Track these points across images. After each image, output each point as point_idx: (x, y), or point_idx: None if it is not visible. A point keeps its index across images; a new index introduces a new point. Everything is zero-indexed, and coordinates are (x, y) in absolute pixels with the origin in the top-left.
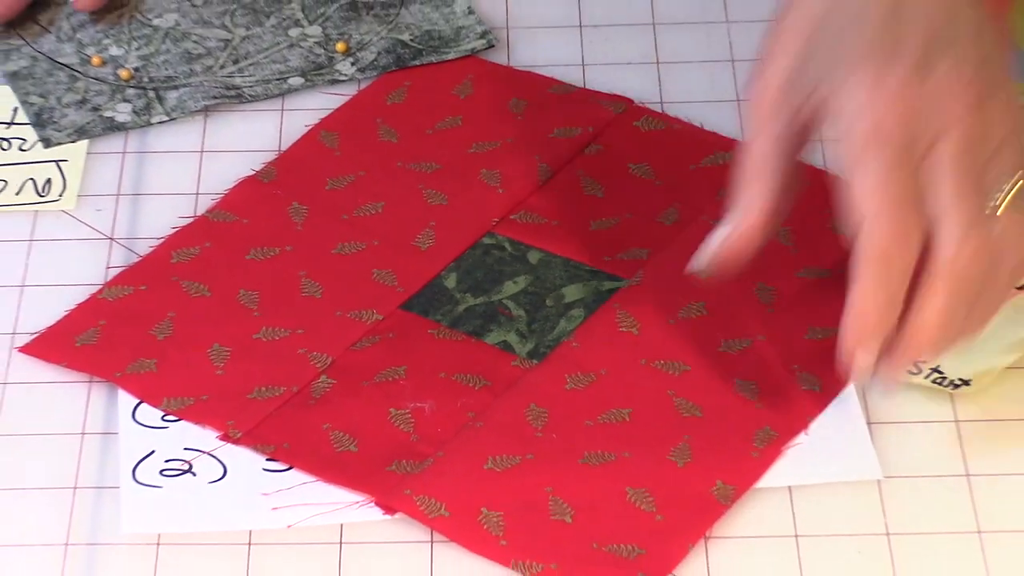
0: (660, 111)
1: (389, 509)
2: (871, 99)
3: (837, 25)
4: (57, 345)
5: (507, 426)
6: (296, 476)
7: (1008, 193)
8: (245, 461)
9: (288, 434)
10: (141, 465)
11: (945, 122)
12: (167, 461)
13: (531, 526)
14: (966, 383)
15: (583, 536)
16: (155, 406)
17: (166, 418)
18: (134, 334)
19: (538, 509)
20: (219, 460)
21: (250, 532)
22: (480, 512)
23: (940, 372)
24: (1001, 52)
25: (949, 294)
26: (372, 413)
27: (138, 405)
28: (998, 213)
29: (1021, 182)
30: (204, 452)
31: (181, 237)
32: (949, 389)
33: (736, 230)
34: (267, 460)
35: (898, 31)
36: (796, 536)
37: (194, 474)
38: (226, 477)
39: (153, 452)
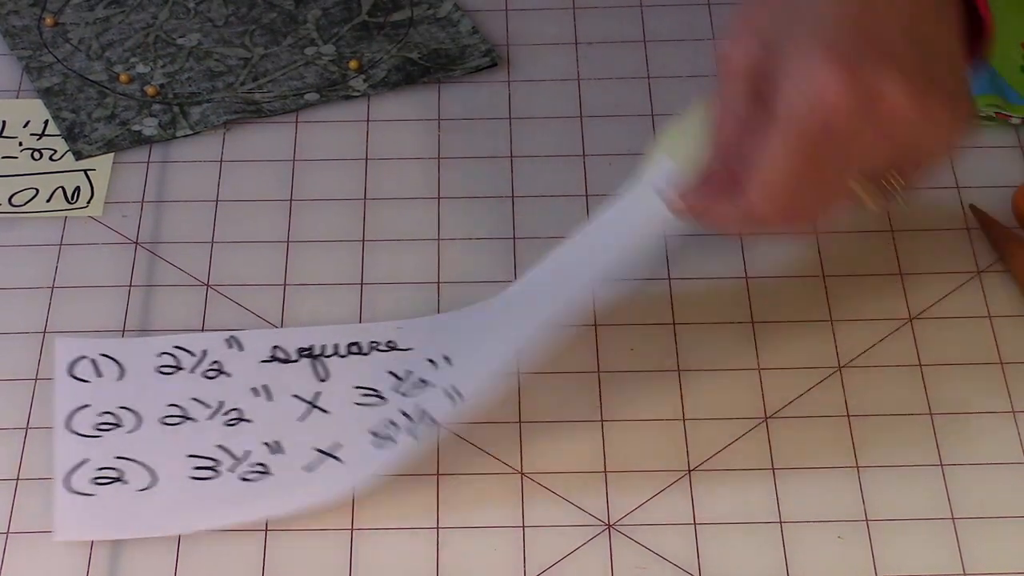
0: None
1: None
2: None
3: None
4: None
5: None
6: (225, 483)
7: None
8: (174, 469)
9: None
10: (75, 473)
11: None
12: (99, 469)
13: None
14: None
15: None
16: None
17: (100, 427)
18: None
19: None
20: (149, 468)
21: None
22: None
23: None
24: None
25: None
26: None
27: (72, 414)
28: None
29: None
30: (135, 461)
31: None
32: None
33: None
34: (194, 469)
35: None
36: (780, 522)
37: (125, 482)
38: (156, 485)
39: (86, 461)
